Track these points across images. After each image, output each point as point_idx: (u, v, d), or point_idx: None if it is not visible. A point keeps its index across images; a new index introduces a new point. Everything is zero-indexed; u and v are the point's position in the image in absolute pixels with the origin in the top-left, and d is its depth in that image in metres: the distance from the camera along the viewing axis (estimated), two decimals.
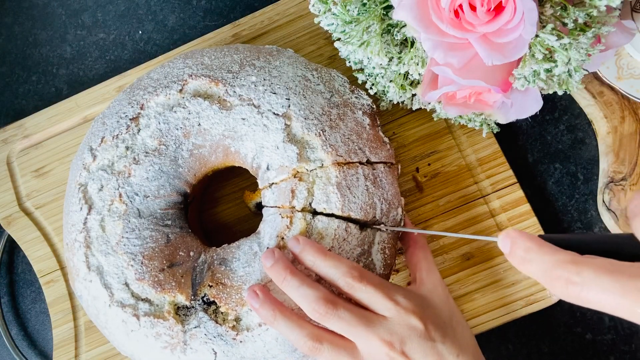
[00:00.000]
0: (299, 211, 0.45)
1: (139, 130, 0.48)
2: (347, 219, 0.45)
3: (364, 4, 0.44)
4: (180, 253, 0.47)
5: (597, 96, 0.54)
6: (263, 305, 0.42)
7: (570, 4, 0.40)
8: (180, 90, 0.48)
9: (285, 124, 0.46)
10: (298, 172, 0.46)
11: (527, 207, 0.52)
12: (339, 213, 0.44)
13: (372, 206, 0.45)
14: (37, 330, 0.58)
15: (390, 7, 0.44)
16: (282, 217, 0.45)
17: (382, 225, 0.45)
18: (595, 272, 0.28)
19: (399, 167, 0.46)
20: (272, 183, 0.47)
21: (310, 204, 0.45)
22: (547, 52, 0.41)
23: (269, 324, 0.42)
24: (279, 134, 0.46)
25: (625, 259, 0.28)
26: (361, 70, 0.51)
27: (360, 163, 0.46)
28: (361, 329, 0.40)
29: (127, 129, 0.48)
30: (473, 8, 0.39)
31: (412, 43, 0.46)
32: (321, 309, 0.40)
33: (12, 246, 0.60)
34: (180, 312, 0.45)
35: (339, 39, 0.47)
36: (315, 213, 0.45)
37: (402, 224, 0.47)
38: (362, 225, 0.46)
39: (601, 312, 0.34)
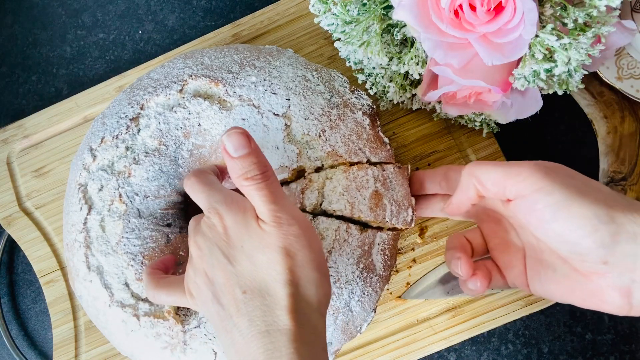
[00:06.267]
0: (306, 212, 0.45)
1: (139, 131, 0.48)
2: (350, 220, 0.45)
3: (364, 4, 0.44)
4: (181, 253, 0.47)
5: (597, 96, 0.54)
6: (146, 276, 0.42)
7: (570, 4, 0.40)
8: (180, 91, 0.48)
9: (285, 124, 0.46)
10: (308, 172, 0.45)
11: None
12: (349, 215, 0.44)
13: (382, 208, 0.45)
14: (37, 330, 0.58)
15: (390, 7, 0.44)
16: None
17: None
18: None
19: (409, 167, 0.46)
20: (281, 183, 0.46)
21: (320, 204, 0.45)
22: (547, 52, 0.41)
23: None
24: (279, 134, 0.46)
25: None
26: (361, 70, 0.51)
27: (370, 164, 0.46)
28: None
29: (127, 129, 0.48)
30: (473, 8, 0.39)
31: (412, 43, 0.46)
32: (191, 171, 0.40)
33: (12, 246, 0.60)
34: (180, 313, 0.45)
35: (339, 39, 0.47)
36: (324, 214, 0.45)
37: (412, 224, 0.46)
38: (364, 226, 0.46)
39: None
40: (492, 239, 0.42)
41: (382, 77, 0.49)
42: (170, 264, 0.45)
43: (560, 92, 0.45)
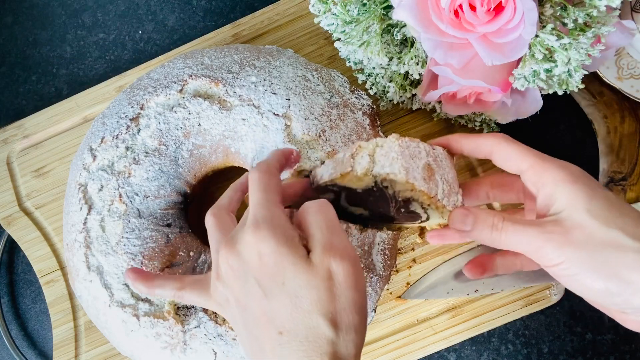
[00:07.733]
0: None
1: (139, 131, 0.48)
2: (397, 205, 0.43)
3: (364, 4, 0.44)
4: (180, 253, 0.47)
5: (597, 96, 0.54)
6: (135, 280, 0.42)
7: (570, 4, 0.40)
8: (180, 91, 0.48)
9: (286, 124, 0.46)
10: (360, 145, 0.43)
11: None
12: (404, 178, 0.41)
13: (434, 182, 0.42)
14: (37, 330, 0.58)
15: (390, 7, 0.44)
16: None
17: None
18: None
19: (455, 157, 0.44)
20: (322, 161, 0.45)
21: (371, 170, 0.42)
22: (547, 52, 0.41)
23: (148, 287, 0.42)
24: (279, 134, 0.46)
25: None
26: (361, 70, 0.51)
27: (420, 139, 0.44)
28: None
29: (127, 129, 0.48)
30: (473, 8, 0.39)
31: (412, 43, 0.46)
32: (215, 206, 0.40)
33: (12, 246, 0.60)
34: (180, 312, 0.45)
35: (339, 39, 0.47)
36: (377, 185, 0.43)
37: None
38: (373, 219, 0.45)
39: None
40: None
41: (382, 77, 0.49)
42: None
43: (560, 92, 0.45)
